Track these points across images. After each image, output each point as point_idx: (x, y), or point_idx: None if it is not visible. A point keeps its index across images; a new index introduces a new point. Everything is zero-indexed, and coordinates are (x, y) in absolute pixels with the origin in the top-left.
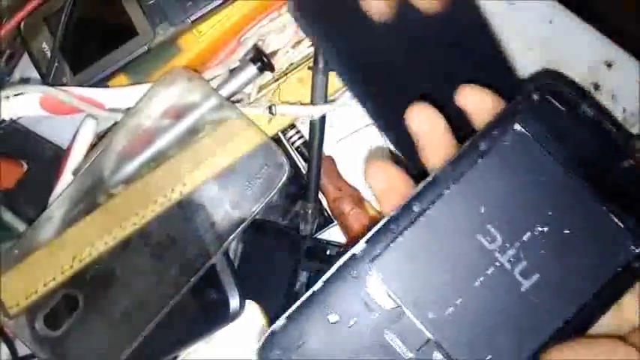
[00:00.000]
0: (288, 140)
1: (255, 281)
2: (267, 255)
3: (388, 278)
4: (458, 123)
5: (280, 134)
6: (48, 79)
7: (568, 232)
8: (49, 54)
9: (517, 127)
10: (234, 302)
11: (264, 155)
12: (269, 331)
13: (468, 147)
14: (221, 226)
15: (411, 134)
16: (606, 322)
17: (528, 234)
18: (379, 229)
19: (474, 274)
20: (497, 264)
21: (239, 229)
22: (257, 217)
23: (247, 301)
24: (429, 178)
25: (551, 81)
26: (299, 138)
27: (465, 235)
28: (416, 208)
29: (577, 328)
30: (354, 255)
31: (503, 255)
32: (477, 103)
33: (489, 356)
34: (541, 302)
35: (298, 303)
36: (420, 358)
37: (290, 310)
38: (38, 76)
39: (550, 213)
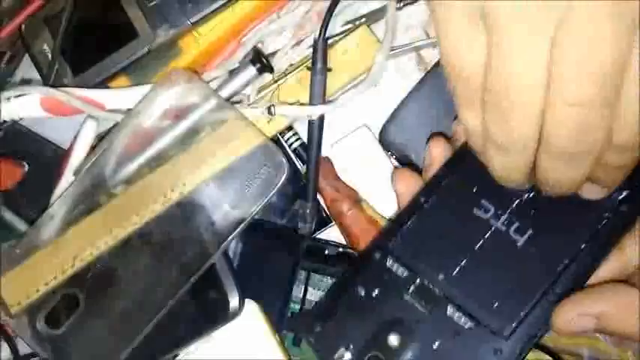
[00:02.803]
0: (286, 142)
1: (254, 280)
2: (266, 254)
3: (403, 253)
4: None
5: (278, 136)
6: (49, 80)
7: None
8: (50, 55)
9: None
10: (233, 301)
11: (264, 155)
12: (314, 310)
13: (458, 152)
14: (220, 226)
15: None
16: (610, 267)
17: (517, 201)
18: (393, 219)
19: (473, 240)
20: (493, 228)
21: (238, 228)
22: (256, 216)
23: (246, 301)
24: (431, 177)
25: None
26: (296, 140)
27: (463, 211)
28: (422, 199)
29: (577, 274)
30: (375, 242)
31: (498, 220)
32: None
33: (496, 303)
34: (538, 253)
35: (334, 282)
36: (436, 313)
37: (328, 291)
38: (39, 78)
39: None
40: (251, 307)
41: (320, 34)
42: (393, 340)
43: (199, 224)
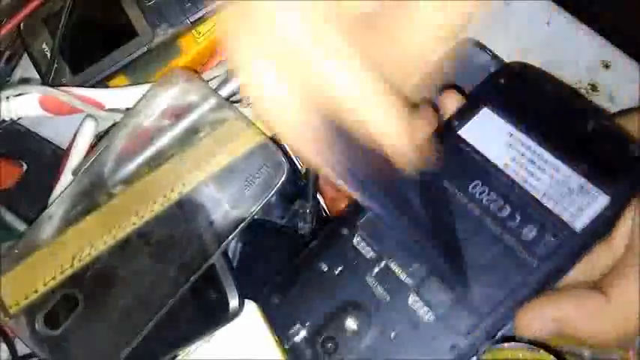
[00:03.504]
0: None
1: (254, 280)
2: (266, 254)
3: (370, 232)
4: None
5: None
6: (48, 79)
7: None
8: (48, 54)
9: (485, 109)
10: (233, 302)
11: (263, 155)
12: (274, 281)
13: (447, 123)
14: (220, 226)
15: None
16: (576, 271)
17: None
18: None
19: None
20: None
21: (238, 228)
22: (256, 216)
23: (246, 301)
24: None
25: (517, 68)
26: None
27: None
28: None
29: (542, 277)
30: (344, 217)
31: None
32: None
33: (459, 298)
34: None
35: (298, 254)
36: (397, 300)
37: (291, 264)
38: (38, 77)
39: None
40: (251, 307)
41: None
42: (351, 323)
43: (199, 224)
